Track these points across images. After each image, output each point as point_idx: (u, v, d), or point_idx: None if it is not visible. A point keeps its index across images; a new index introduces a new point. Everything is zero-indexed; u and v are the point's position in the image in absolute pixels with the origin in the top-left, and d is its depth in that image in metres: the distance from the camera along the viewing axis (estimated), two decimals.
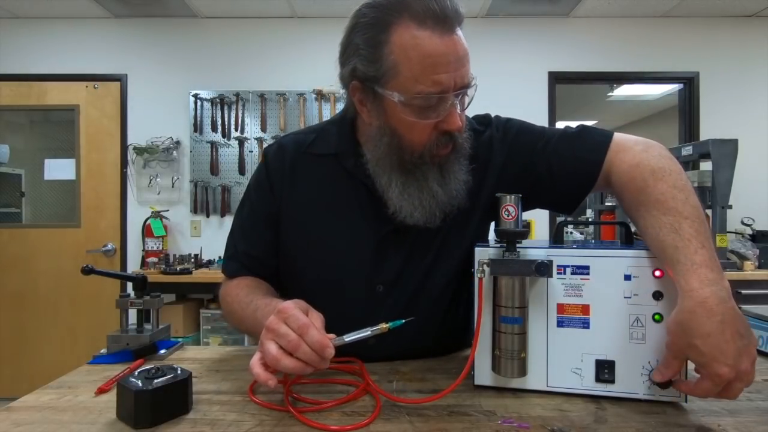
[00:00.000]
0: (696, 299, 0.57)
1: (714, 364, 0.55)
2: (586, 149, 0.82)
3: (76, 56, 3.39)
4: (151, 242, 3.21)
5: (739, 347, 0.55)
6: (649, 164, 0.72)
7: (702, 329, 0.56)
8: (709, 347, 0.55)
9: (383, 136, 0.78)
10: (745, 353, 0.55)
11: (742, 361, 0.55)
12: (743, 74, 3.42)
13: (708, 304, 0.56)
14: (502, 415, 0.61)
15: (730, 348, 0.55)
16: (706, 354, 0.55)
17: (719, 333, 0.55)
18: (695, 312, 0.56)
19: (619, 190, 0.77)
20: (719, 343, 0.55)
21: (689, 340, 0.56)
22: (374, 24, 0.72)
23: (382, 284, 0.85)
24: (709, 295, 0.57)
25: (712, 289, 0.57)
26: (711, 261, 0.60)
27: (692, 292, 0.58)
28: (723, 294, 0.57)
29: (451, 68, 0.70)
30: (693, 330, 0.56)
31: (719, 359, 0.54)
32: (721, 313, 0.56)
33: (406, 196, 0.79)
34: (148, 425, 0.58)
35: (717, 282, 0.58)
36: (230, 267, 0.93)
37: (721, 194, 2.68)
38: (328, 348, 0.60)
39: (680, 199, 0.66)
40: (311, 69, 3.31)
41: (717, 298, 0.56)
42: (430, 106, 0.73)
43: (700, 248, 0.60)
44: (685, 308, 0.57)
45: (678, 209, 0.65)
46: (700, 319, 0.56)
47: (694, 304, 0.57)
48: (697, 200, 0.67)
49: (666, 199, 0.67)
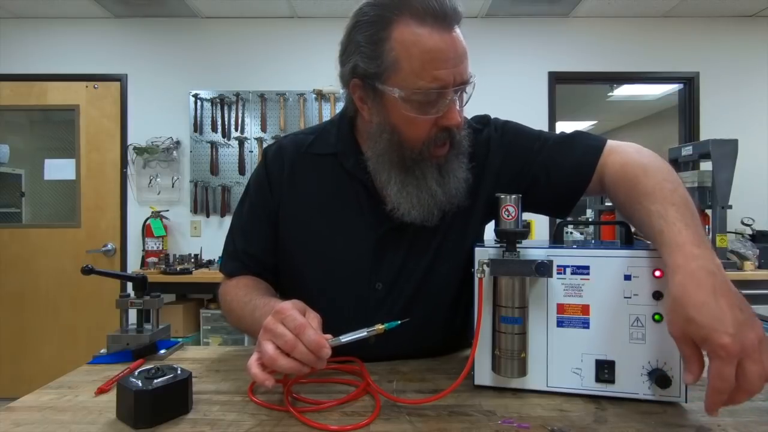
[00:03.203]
0: (683, 273, 0.56)
1: (714, 334, 0.52)
2: (581, 152, 0.83)
3: (76, 56, 3.39)
4: (151, 242, 3.21)
5: (738, 318, 0.52)
6: (641, 162, 0.74)
7: (695, 300, 0.54)
8: (706, 317, 0.53)
9: (383, 132, 0.78)
10: (747, 326, 0.52)
11: (744, 333, 0.51)
12: (743, 74, 3.41)
13: (697, 276, 0.55)
14: (502, 415, 0.61)
15: (727, 316, 0.52)
16: (705, 325, 0.52)
17: (713, 302, 0.53)
18: (685, 284, 0.56)
19: (613, 188, 0.78)
20: (715, 312, 0.52)
21: (685, 313, 0.54)
22: (375, 21, 0.73)
23: (382, 283, 0.85)
24: (696, 268, 0.56)
25: (698, 263, 0.56)
26: (696, 238, 0.59)
27: (679, 267, 0.57)
28: (711, 267, 0.56)
29: (450, 64, 0.71)
30: (686, 302, 0.54)
31: (718, 329, 0.52)
32: (711, 284, 0.54)
33: (405, 194, 0.80)
34: (148, 425, 0.58)
35: (704, 257, 0.57)
36: (229, 266, 0.93)
37: (721, 194, 2.68)
38: (324, 348, 0.61)
39: (668, 189, 0.68)
40: (311, 69, 3.31)
41: (705, 270, 0.56)
42: (430, 101, 0.73)
43: (684, 228, 0.61)
44: (676, 283, 0.57)
45: (665, 197, 0.66)
46: (690, 290, 0.55)
47: (682, 278, 0.56)
48: (686, 193, 0.68)
49: (654, 191, 0.68)
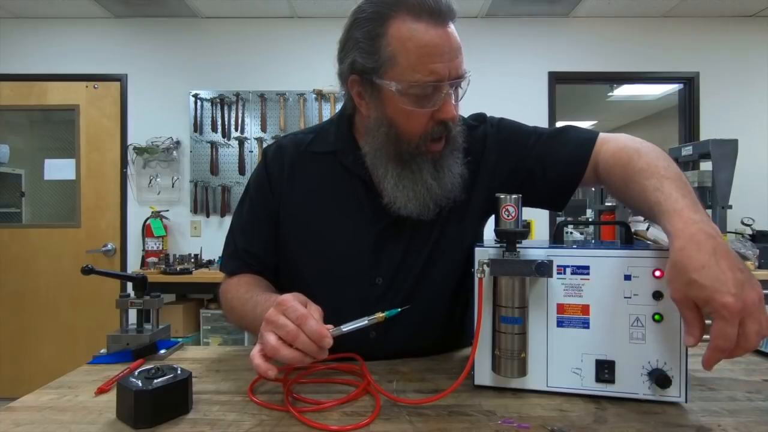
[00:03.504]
0: (683, 237, 0.57)
1: (716, 295, 0.52)
2: (574, 144, 0.86)
3: (76, 56, 3.39)
4: (151, 242, 3.21)
5: (739, 278, 0.53)
6: (634, 146, 0.77)
7: (696, 262, 0.55)
8: (707, 278, 0.53)
9: (381, 126, 0.80)
10: (748, 285, 0.53)
11: (746, 291, 0.53)
12: (743, 74, 3.41)
13: (696, 238, 0.56)
14: (502, 415, 0.61)
15: (728, 277, 0.53)
16: (707, 286, 0.53)
17: (714, 263, 0.54)
18: (685, 248, 0.56)
19: (606, 174, 0.80)
20: (716, 274, 0.53)
21: (687, 276, 0.55)
22: (373, 18, 0.75)
23: (382, 277, 0.86)
24: (696, 231, 0.57)
25: (698, 226, 0.58)
26: (694, 205, 0.61)
27: (678, 231, 0.58)
28: (710, 230, 0.57)
29: (445, 58, 0.73)
30: (687, 265, 0.55)
31: (721, 289, 0.52)
32: (711, 246, 0.55)
33: (401, 188, 0.81)
34: (148, 425, 0.58)
35: (702, 221, 0.59)
36: (230, 265, 0.93)
37: (721, 194, 2.68)
38: (326, 338, 0.61)
39: (662, 166, 0.70)
40: (311, 69, 3.31)
41: (704, 233, 0.57)
42: (426, 95, 0.75)
43: (681, 198, 0.63)
44: (676, 248, 0.57)
45: (660, 173, 0.68)
46: (691, 253, 0.55)
47: (682, 242, 0.57)
48: (679, 169, 0.70)
49: (649, 167, 0.70)
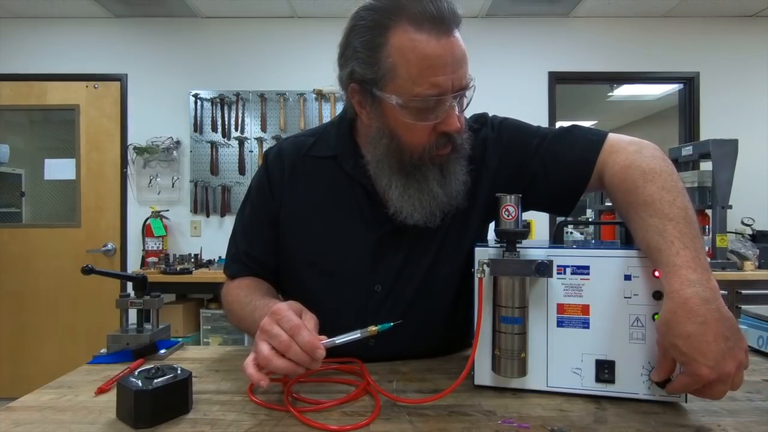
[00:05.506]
0: (677, 300, 0.57)
1: (693, 364, 0.55)
2: (580, 148, 0.82)
3: (76, 56, 3.39)
4: (151, 242, 3.21)
5: (723, 349, 0.55)
6: (641, 166, 0.72)
7: (682, 330, 0.56)
8: (689, 348, 0.55)
9: (382, 137, 0.78)
10: (730, 356, 0.55)
11: (725, 363, 0.55)
12: (743, 74, 3.41)
13: (689, 305, 0.56)
14: (502, 415, 0.61)
15: (711, 349, 0.55)
16: (687, 354, 0.56)
17: (700, 334, 0.55)
18: (676, 313, 0.57)
19: (611, 190, 0.77)
20: (699, 345, 0.55)
21: (671, 339, 0.57)
22: (372, 27, 0.72)
23: (381, 285, 0.85)
24: (691, 295, 0.57)
25: (694, 289, 0.57)
26: (694, 261, 0.59)
27: (673, 293, 0.58)
28: (706, 294, 0.57)
29: (448, 70, 0.70)
30: (674, 330, 0.57)
31: (699, 360, 0.55)
32: (702, 315, 0.56)
33: (407, 198, 0.79)
34: (148, 425, 0.58)
35: (700, 282, 0.57)
36: (232, 268, 0.93)
37: (721, 194, 2.68)
38: (318, 349, 0.61)
39: (667, 200, 0.65)
40: (311, 69, 3.31)
41: (699, 298, 0.56)
42: (429, 108, 0.72)
43: (682, 249, 0.60)
44: (668, 309, 0.58)
45: (664, 211, 0.64)
46: (680, 320, 0.56)
47: (675, 305, 0.57)
48: (687, 201, 0.66)
49: (654, 201, 0.66)
